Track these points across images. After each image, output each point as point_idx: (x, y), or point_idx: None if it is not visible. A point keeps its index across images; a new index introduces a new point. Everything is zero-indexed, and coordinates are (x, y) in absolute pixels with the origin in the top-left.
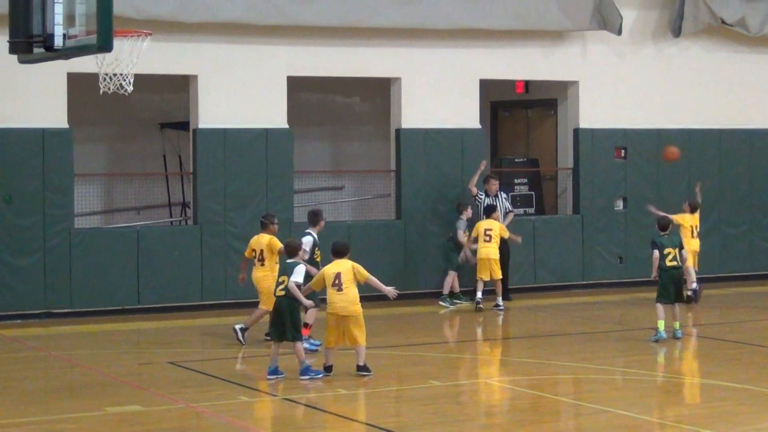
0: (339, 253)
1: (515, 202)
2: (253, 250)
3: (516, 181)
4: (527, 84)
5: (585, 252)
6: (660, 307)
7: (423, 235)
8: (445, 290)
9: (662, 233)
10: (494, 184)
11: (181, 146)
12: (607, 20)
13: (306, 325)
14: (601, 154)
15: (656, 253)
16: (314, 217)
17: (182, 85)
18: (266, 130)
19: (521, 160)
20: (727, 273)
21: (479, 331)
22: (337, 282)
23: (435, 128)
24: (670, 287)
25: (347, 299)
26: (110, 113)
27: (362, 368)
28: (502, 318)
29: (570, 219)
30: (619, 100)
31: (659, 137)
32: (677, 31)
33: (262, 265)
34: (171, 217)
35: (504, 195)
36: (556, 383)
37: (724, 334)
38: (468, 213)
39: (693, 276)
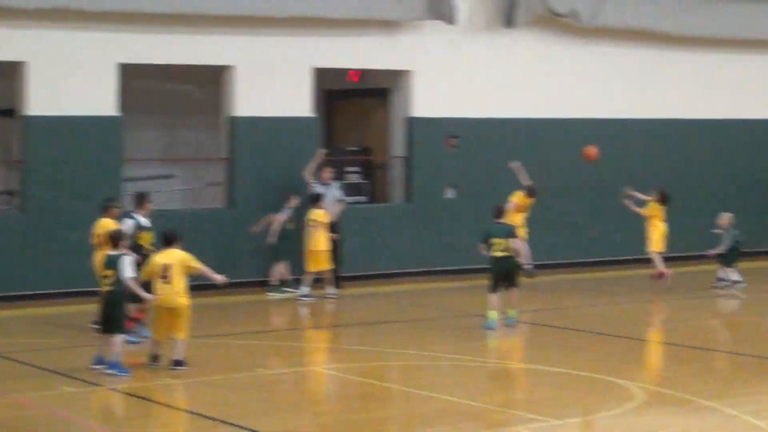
0: (169, 241)
1: (348, 190)
2: (97, 236)
3: (349, 169)
4: (361, 73)
5: (417, 240)
6: (491, 296)
7: (254, 223)
8: (273, 279)
9: (496, 221)
10: (328, 172)
11: (7, 134)
12: (440, 10)
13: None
14: (433, 143)
15: (481, 244)
16: (139, 199)
17: (9, 73)
18: (96, 118)
19: (354, 148)
20: (558, 260)
21: (309, 319)
22: (164, 273)
23: (268, 117)
24: (499, 277)
25: (173, 291)
26: None
27: (178, 363)
28: (334, 306)
29: (402, 207)
30: (452, 89)
31: (492, 126)
32: (509, 22)
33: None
34: None
35: (337, 184)
36: (386, 370)
37: (552, 319)
38: (294, 202)
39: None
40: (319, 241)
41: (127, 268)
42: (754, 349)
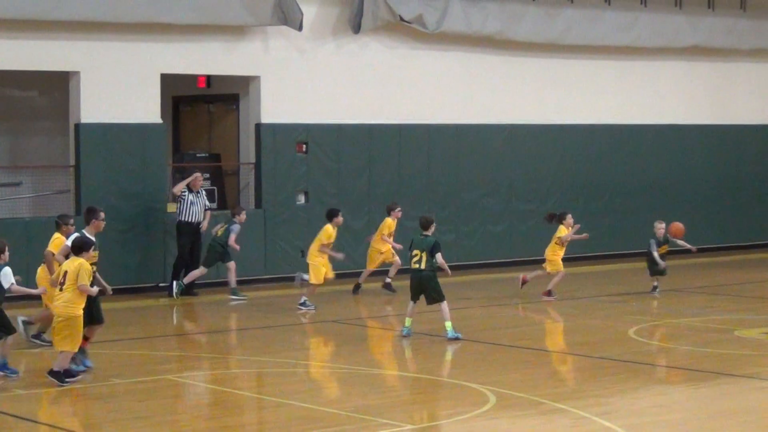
0: (77, 248)
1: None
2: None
3: None
4: (209, 79)
5: (267, 246)
6: (410, 304)
7: (104, 231)
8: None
9: (422, 234)
10: (199, 180)
11: None
12: (287, 16)
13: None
14: (282, 149)
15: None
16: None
17: None
18: None
19: (203, 155)
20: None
21: (162, 327)
22: (62, 280)
23: (115, 123)
24: (411, 287)
25: (62, 299)
26: None
27: (54, 374)
28: (185, 314)
29: (252, 213)
30: (301, 95)
31: (340, 132)
32: (357, 28)
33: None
34: None
35: (204, 192)
36: (238, 377)
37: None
38: (242, 217)
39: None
40: None
41: (4, 279)
42: (604, 351)
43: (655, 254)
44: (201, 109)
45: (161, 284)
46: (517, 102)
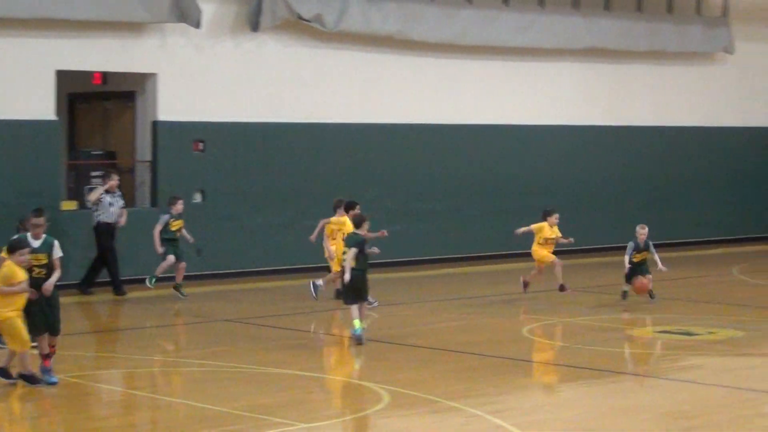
0: (8, 248)
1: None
2: None
3: (93, 173)
4: (105, 76)
5: None
6: (351, 306)
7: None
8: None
9: (353, 232)
10: (115, 182)
11: None
12: (185, 13)
13: None
14: (179, 147)
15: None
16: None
17: None
18: None
19: (99, 152)
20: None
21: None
22: None
23: (7, 119)
24: (353, 287)
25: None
26: None
27: (23, 376)
28: (80, 312)
29: (148, 212)
30: (198, 93)
31: (237, 130)
32: (255, 26)
33: None
34: None
35: (119, 193)
36: (132, 377)
37: (305, 324)
38: (177, 207)
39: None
40: None
41: None
42: (496, 350)
43: (626, 257)
44: (97, 106)
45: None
46: (416, 102)
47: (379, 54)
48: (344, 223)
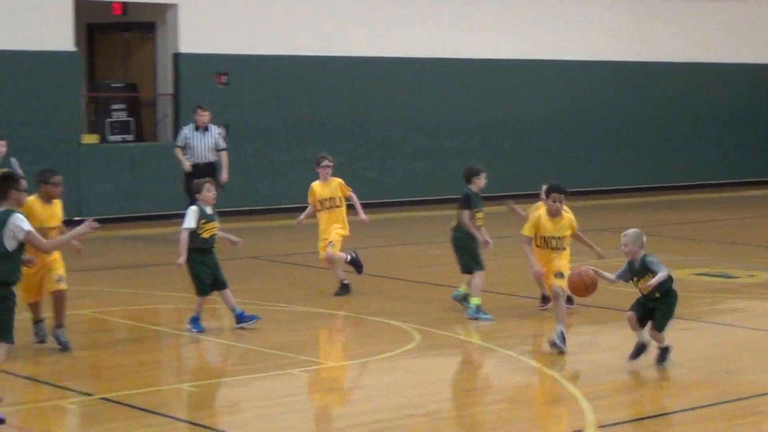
0: None
1: (113, 129)
2: None
3: (114, 107)
4: (125, 6)
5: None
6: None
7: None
8: None
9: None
10: (202, 116)
11: None
12: None
13: None
14: (202, 80)
15: None
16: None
17: None
18: None
19: (119, 84)
20: None
21: (76, 262)
22: None
23: (26, 50)
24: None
25: None
26: None
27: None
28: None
29: (169, 146)
30: (221, 24)
31: (262, 63)
32: None
33: None
34: None
35: (217, 129)
36: (156, 313)
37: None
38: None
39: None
40: None
41: None
42: (526, 290)
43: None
44: (117, 37)
45: (76, 218)
46: (442, 36)
47: None
48: None
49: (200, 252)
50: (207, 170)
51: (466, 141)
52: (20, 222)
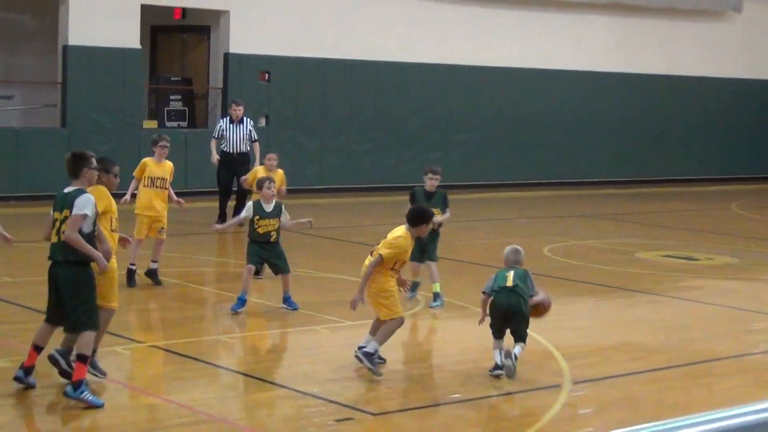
0: None
1: (170, 116)
2: None
3: (171, 97)
4: (184, 11)
5: None
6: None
7: (86, 143)
8: None
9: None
10: (237, 110)
11: None
12: None
13: None
14: (247, 77)
15: None
16: None
17: None
18: None
19: (177, 78)
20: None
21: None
22: None
23: (99, 46)
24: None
25: None
26: None
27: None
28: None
29: None
30: (265, 29)
31: (299, 64)
32: None
33: None
34: None
35: (251, 122)
36: (201, 275)
37: (348, 235)
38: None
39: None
40: None
41: None
42: None
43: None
44: (176, 38)
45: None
46: (458, 46)
47: (429, 2)
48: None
49: (257, 244)
50: (240, 159)
51: (473, 136)
52: (83, 202)
